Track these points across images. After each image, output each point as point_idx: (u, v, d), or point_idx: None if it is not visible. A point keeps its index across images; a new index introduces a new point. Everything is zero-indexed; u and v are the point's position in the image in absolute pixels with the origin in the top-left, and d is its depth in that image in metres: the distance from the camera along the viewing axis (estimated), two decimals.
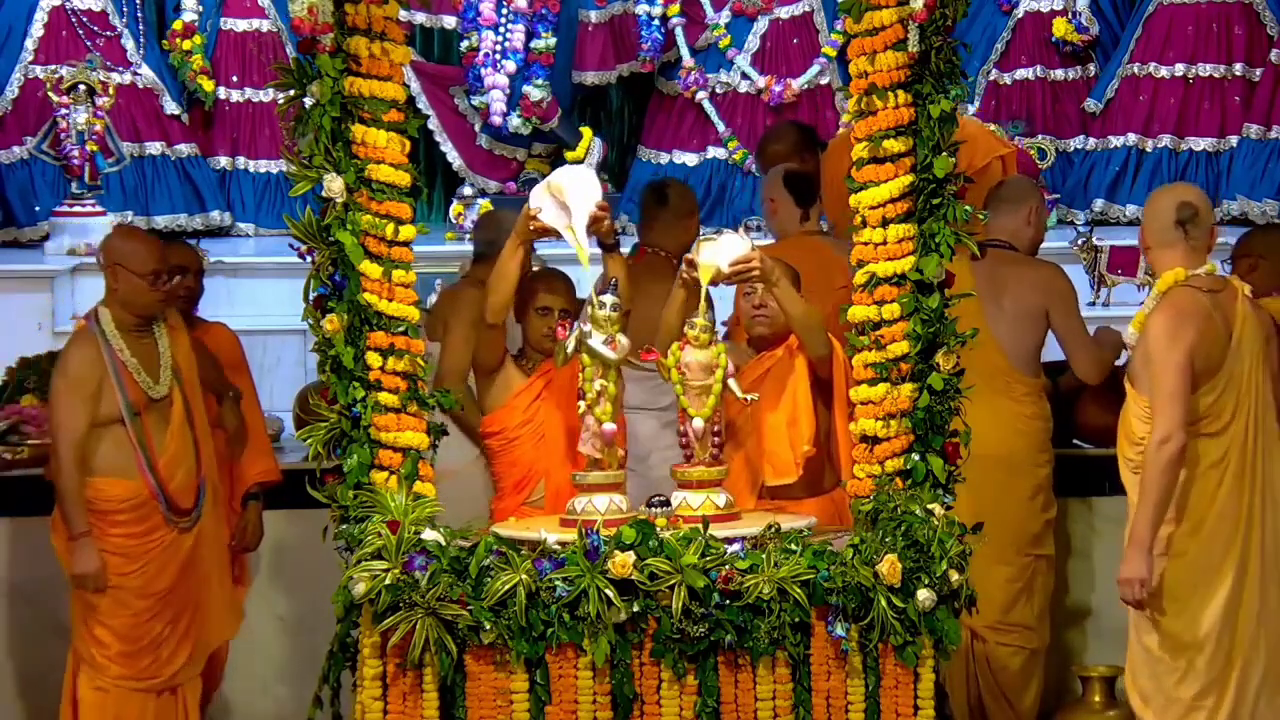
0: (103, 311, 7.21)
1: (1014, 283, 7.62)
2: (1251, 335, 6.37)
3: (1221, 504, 6.33)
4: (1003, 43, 11.59)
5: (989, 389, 7.21)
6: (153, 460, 7.16)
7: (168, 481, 7.18)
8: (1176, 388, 6.22)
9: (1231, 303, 6.39)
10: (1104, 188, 11.42)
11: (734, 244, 6.29)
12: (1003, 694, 7.78)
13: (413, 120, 6.23)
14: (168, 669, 7.27)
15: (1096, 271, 10.04)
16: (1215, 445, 6.32)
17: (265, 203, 11.57)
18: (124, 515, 7.18)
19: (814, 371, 6.48)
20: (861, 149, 6.21)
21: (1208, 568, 6.32)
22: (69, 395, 7.15)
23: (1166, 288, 6.36)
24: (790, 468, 6.45)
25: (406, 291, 6.18)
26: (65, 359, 7.25)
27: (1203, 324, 6.29)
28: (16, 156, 11.11)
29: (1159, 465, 6.22)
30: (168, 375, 7.21)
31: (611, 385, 6.15)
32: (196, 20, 11.50)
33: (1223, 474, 6.32)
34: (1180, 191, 6.56)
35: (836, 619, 5.83)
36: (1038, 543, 7.76)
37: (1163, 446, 6.21)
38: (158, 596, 7.22)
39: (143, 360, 7.18)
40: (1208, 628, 6.30)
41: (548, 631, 5.82)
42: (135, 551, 7.19)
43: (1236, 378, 6.32)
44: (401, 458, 6.12)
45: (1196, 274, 6.36)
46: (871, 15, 6.14)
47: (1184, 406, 6.23)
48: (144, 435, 7.17)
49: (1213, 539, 6.33)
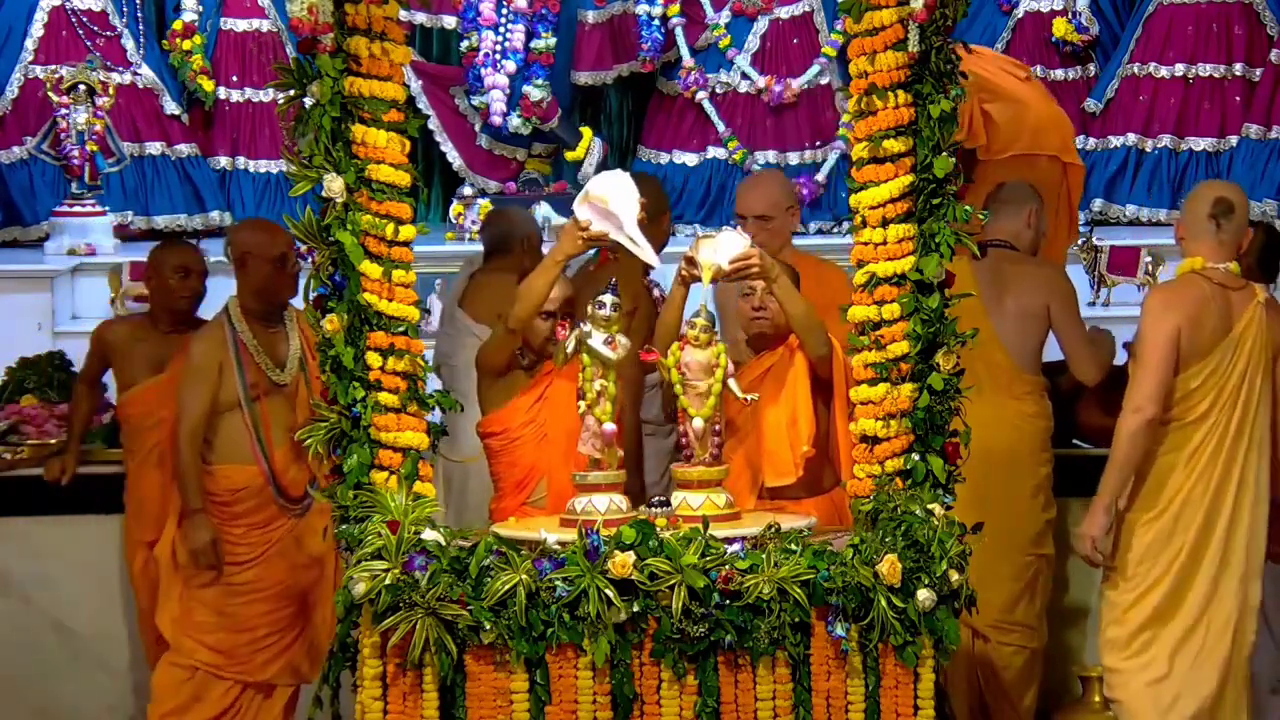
0: (232, 301, 7.40)
1: (1016, 282, 7.62)
2: (1254, 338, 6.46)
3: (1189, 491, 6.56)
4: (1003, 43, 11.59)
5: (992, 388, 7.26)
6: (268, 447, 7.24)
7: (282, 471, 7.29)
8: (1157, 361, 6.49)
9: (1242, 302, 6.58)
10: (1104, 188, 11.42)
11: (733, 241, 6.29)
12: (1004, 693, 7.79)
13: (413, 120, 6.23)
14: (264, 671, 7.37)
15: (1096, 271, 10.04)
16: (1193, 433, 6.57)
17: (265, 203, 11.58)
18: (243, 505, 7.29)
19: (814, 371, 6.48)
20: (861, 149, 6.20)
21: (1163, 549, 6.58)
22: (190, 378, 7.32)
23: (1182, 273, 6.63)
24: (790, 468, 6.45)
25: (406, 291, 6.17)
26: (192, 345, 7.43)
27: (1195, 308, 6.52)
28: (16, 156, 11.12)
29: (1127, 430, 6.55)
30: (294, 364, 7.34)
31: (611, 385, 6.15)
32: (196, 20, 11.51)
33: (1195, 463, 6.53)
34: (1220, 187, 6.83)
35: (836, 619, 5.83)
36: (1039, 542, 7.76)
37: (1134, 414, 6.53)
38: (268, 594, 7.33)
39: (267, 347, 7.34)
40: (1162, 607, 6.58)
41: (548, 631, 5.82)
42: (257, 542, 7.30)
43: (1223, 372, 6.48)
44: (401, 458, 6.12)
45: (1214, 267, 6.59)
46: (871, 15, 6.13)
47: (1160, 381, 6.49)
48: (260, 421, 7.26)
49: (1175, 525, 6.57)
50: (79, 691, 8.24)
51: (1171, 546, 6.57)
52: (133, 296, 9.52)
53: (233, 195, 11.56)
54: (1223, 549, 6.58)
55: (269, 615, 7.33)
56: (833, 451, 6.53)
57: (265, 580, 7.32)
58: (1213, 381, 6.50)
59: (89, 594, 8.20)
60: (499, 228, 8.19)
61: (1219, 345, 6.51)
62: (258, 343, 7.33)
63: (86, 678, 8.24)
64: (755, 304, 6.54)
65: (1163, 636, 6.62)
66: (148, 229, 11.11)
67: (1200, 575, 6.59)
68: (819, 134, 11.57)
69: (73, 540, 8.16)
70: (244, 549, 7.32)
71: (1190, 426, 6.54)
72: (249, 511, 7.30)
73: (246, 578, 7.31)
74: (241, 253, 7.45)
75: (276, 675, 7.40)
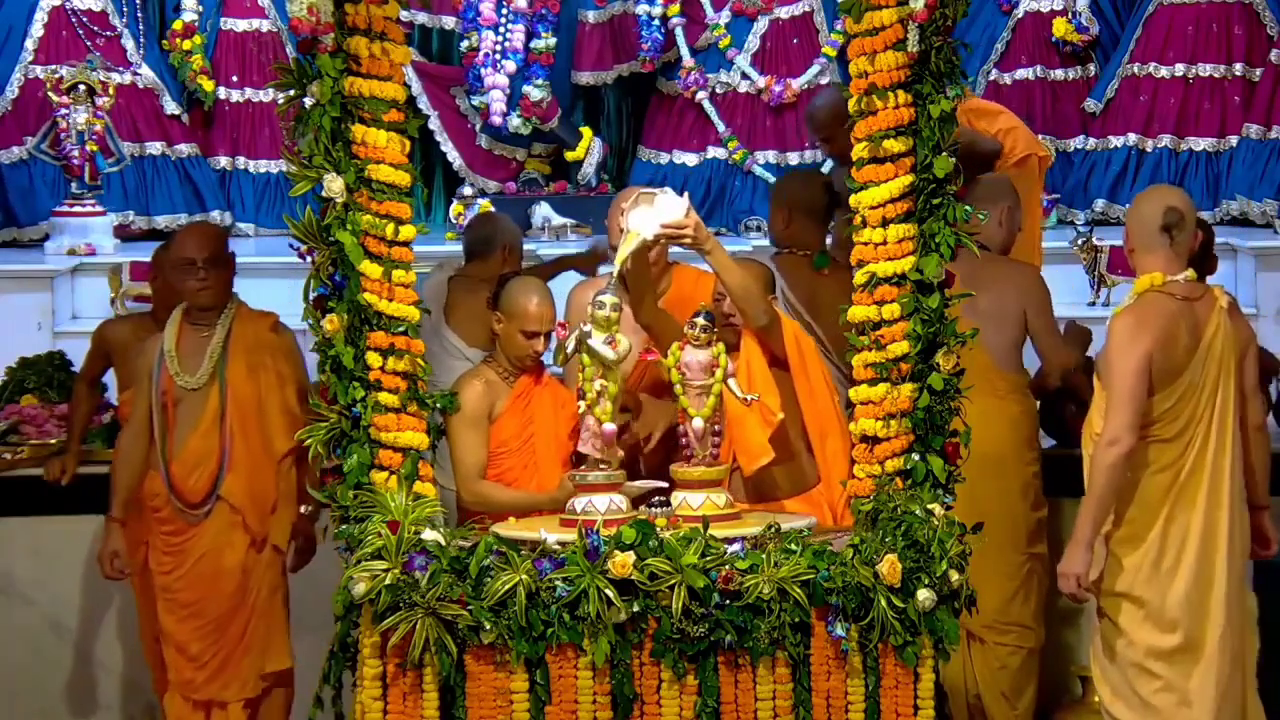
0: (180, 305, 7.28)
1: (989, 282, 7.58)
2: (1222, 345, 6.38)
3: (1171, 508, 6.39)
4: (1003, 43, 11.58)
5: (974, 388, 7.21)
6: (168, 454, 7.15)
7: (181, 479, 7.17)
8: (1129, 391, 6.29)
9: (1206, 311, 6.41)
10: (1104, 188, 11.41)
11: (672, 205, 6.24)
12: (1002, 694, 7.78)
13: (413, 120, 6.23)
14: (207, 688, 7.26)
15: (1096, 271, 10.04)
16: (1168, 450, 6.38)
17: (265, 203, 11.57)
18: (160, 513, 7.22)
19: (771, 353, 6.45)
20: (861, 149, 6.21)
21: (1155, 569, 6.38)
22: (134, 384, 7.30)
23: (1141, 291, 6.41)
24: (761, 449, 6.40)
25: (406, 291, 6.18)
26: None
27: (1164, 329, 6.33)
28: (16, 156, 11.10)
29: (1104, 464, 6.32)
30: (209, 365, 7.17)
31: (612, 385, 6.15)
32: (196, 20, 11.50)
33: (1173, 479, 6.38)
34: (1167, 195, 6.58)
35: (836, 619, 5.83)
36: (1031, 541, 7.75)
37: (1110, 447, 6.30)
38: (191, 610, 7.23)
39: (189, 351, 7.17)
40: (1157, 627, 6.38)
41: (548, 631, 5.83)
42: (175, 552, 7.21)
43: (1197, 386, 6.36)
44: (401, 458, 6.12)
45: (1174, 280, 6.40)
46: (871, 15, 6.14)
47: (1135, 410, 6.29)
48: (165, 428, 7.18)
49: (1162, 542, 6.38)
50: (78, 691, 8.24)
51: (1162, 566, 6.39)
52: (133, 296, 9.52)
53: (233, 195, 11.55)
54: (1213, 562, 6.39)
55: (197, 631, 7.22)
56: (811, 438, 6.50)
57: (185, 595, 7.21)
58: (1188, 396, 6.34)
59: (89, 594, 8.20)
60: (484, 231, 7.97)
61: (1191, 361, 6.36)
62: (176, 350, 7.16)
63: (86, 677, 8.24)
64: (725, 309, 6.51)
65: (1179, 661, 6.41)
66: (148, 229, 11.10)
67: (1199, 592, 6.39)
68: None
69: (73, 540, 8.16)
70: (167, 559, 7.20)
71: (1167, 443, 6.37)
72: (164, 520, 7.19)
73: (173, 591, 7.21)
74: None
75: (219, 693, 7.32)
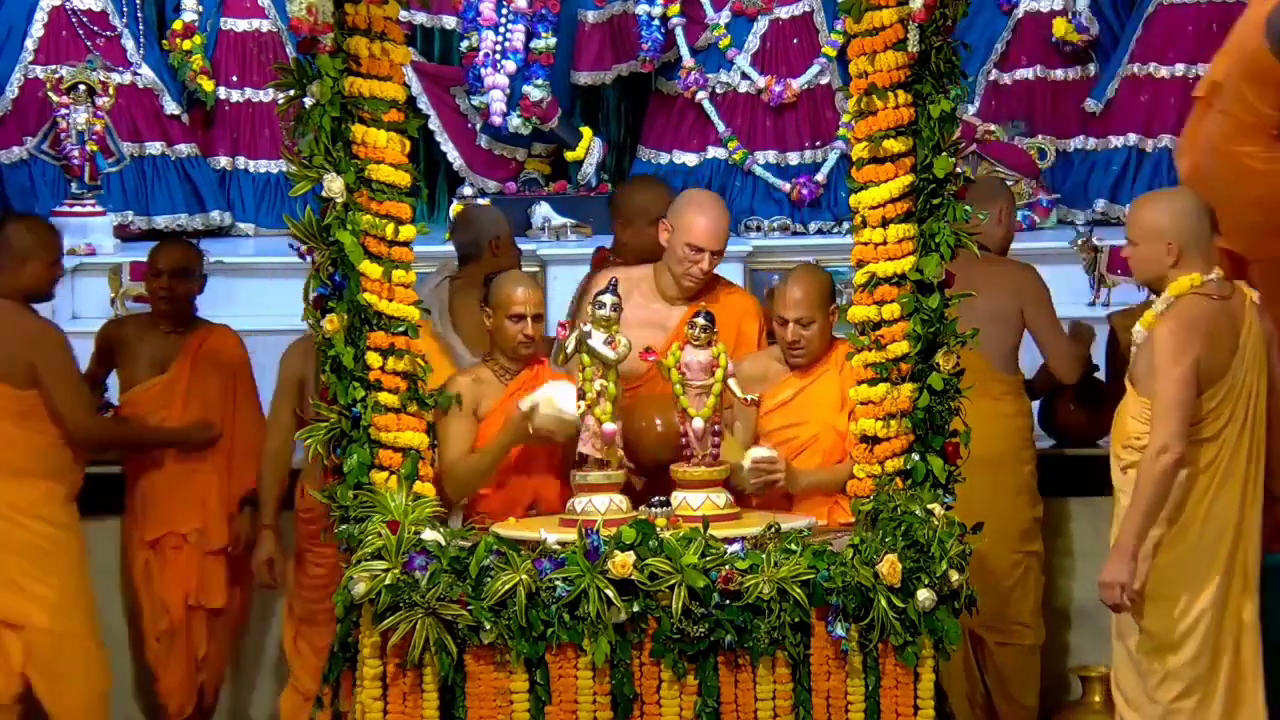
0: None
1: (985, 282, 7.57)
2: (1255, 343, 6.34)
3: (1209, 508, 6.31)
4: (1003, 43, 11.58)
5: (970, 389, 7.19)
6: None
7: None
8: (1179, 399, 6.18)
9: (1240, 309, 6.35)
10: (1104, 188, 11.41)
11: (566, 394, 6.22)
12: (1008, 694, 7.79)
13: (413, 120, 6.23)
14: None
15: (1097, 271, 10.04)
16: (1208, 449, 6.30)
17: (265, 203, 11.57)
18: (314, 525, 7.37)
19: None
20: (861, 149, 6.21)
21: (1193, 571, 6.30)
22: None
23: (1179, 294, 6.30)
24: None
25: (406, 291, 6.18)
26: None
27: (1210, 334, 6.26)
28: (16, 156, 11.10)
29: (1153, 474, 6.20)
30: None
31: (612, 385, 6.15)
32: (196, 20, 11.50)
33: (1213, 478, 6.30)
34: (1192, 194, 6.51)
35: (836, 619, 5.83)
36: (1027, 540, 7.76)
37: (1160, 456, 6.19)
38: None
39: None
40: (1187, 630, 6.29)
41: (548, 631, 5.82)
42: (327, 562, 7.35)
43: (1237, 385, 6.30)
44: (401, 458, 6.12)
45: (1210, 280, 6.32)
46: (871, 15, 6.14)
47: (1184, 418, 6.19)
48: None
49: (1200, 542, 6.31)
50: None
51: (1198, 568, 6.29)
52: (133, 296, 9.53)
53: (233, 195, 11.55)
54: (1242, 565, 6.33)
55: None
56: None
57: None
58: (1230, 396, 6.27)
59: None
60: (467, 234, 7.93)
61: (1234, 361, 6.29)
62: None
63: None
64: (790, 338, 6.52)
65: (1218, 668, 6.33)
66: (148, 229, 11.10)
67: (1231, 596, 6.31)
68: (819, 134, 11.55)
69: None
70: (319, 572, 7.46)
71: (1208, 443, 6.29)
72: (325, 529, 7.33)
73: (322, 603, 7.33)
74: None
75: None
